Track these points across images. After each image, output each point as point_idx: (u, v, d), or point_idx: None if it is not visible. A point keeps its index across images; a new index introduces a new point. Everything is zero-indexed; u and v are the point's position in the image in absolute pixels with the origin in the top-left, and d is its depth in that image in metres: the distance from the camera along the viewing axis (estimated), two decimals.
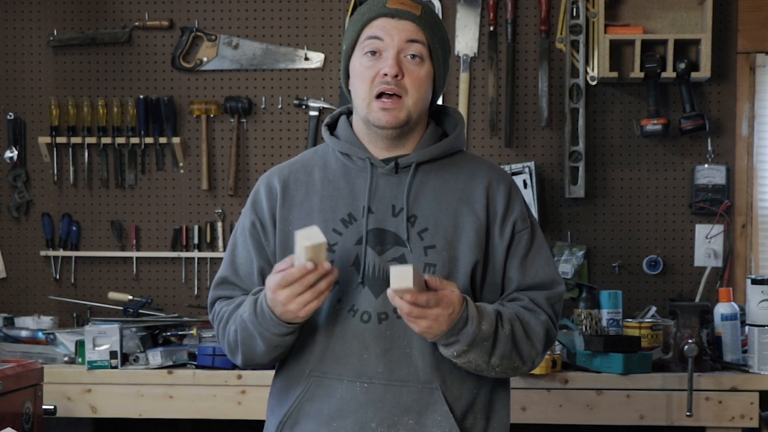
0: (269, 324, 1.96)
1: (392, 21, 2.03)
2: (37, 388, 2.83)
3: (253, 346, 2.02)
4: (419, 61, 2.03)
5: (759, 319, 3.23)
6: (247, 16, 3.97)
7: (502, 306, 2.03)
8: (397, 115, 2.01)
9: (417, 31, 2.03)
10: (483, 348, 1.96)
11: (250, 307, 1.99)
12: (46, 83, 4.01)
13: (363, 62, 2.03)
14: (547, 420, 3.24)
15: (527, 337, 2.02)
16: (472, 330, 1.94)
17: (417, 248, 2.02)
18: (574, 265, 3.76)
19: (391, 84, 1.99)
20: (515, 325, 2.00)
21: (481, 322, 1.95)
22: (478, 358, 1.97)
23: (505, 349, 1.99)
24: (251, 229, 2.10)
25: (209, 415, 3.32)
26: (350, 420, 2.00)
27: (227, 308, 2.09)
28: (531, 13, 3.88)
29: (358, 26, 2.05)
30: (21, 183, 4.00)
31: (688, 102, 3.72)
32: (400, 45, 2.01)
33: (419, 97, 2.03)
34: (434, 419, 2.01)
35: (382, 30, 2.02)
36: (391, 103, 2.00)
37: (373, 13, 2.04)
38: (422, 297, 1.87)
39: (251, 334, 2.00)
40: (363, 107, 2.03)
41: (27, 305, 4.02)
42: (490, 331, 1.96)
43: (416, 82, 2.02)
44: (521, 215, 2.09)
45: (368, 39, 2.03)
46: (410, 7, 2.03)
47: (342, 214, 2.05)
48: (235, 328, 2.04)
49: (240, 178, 3.96)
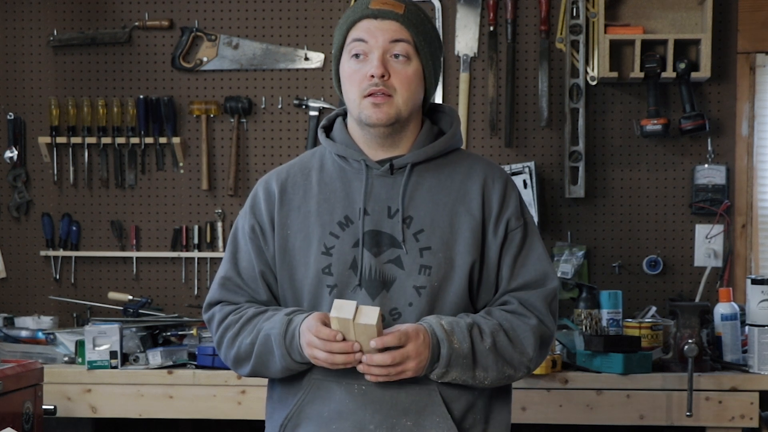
0: (295, 353, 1.98)
1: (375, 22, 2.03)
2: (37, 388, 2.83)
3: (268, 362, 2.03)
4: (405, 60, 2.03)
5: (759, 319, 3.23)
6: (247, 16, 3.97)
7: (485, 316, 2.03)
8: (387, 112, 2.01)
9: (401, 30, 2.02)
10: (463, 365, 1.97)
11: (280, 328, 1.99)
12: (46, 83, 4.01)
13: (350, 65, 2.04)
14: (547, 420, 3.24)
15: (513, 346, 2.02)
16: (446, 352, 1.95)
17: (412, 250, 2.02)
18: (574, 265, 3.76)
19: (379, 85, 2.00)
20: (498, 336, 2.00)
21: (452, 341, 1.96)
22: (462, 374, 1.98)
23: (488, 361, 1.99)
24: (251, 234, 2.10)
25: (209, 415, 3.32)
26: (349, 422, 2.00)
27: (235, 317, 2.07)
28: (531, 13, 3.88)
29: (344, 29, 2.06)
30: (21, 183, 4.00)
31: (688, 102, 3.72)
32: (384, 45, 2.01)
33: (408, 95, 2.03)
34: (432, 420, 2.01)
35: (366, 32, 2.02)
36: (381, 99, 2.00)
37: (357, 15, 2.04)
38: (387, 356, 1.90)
39: (271, 351, 2.01)
40: (354, 108, 2.04)
41: (27, 305, 4.02)
42: (466, 347, 1.97)
43: (404, 81, 2.02)
44: (515, 213, 2.08)
45: (353, 41, 2.03)
46: (393, 6, 2.03)
47: (339, 217, 2.05)
48: (251, 341, 2.03)
49: (240, 178, 3.96)
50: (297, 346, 1.97)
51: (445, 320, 1.99)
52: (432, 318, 1.99)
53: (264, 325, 2.03)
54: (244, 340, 2.05)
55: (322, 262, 2.03)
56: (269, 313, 2.05)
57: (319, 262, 2.03)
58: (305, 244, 2.05)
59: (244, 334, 2.05)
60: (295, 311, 2.02)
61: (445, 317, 2.00)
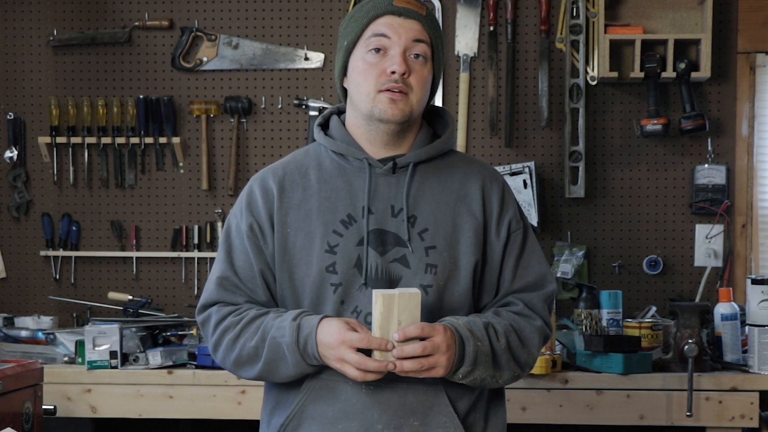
0: (309, 358, 1.96)
1: (399, 19, 2.02)
2: (37, 388, 2.83)
3: (279, 368, 2.00)
4: (423, 61, 2.03)
5: (759, 319, 3.23)
6: (247, 16, 3.97)
7: (495, 316, 2.04)
8: (402, 109, 2.00)
9: (423, 32, 2.03)
10: (486, 363, 1.98)
11: (291, 335, 1.96)
12: (46, 83, 4.01)
13: (367, 58, 2.02)
14: (547, 420, 3.24)
15: (523, 346, 2.04)
16: (472, 350, 1.95)
17: (418, 249, 2.02)
18: (574, 265, 3.76)
19: (399, 82, 1.99)
20: (510, 336, 2.01)
21: (476, 340, 1.96)
22: (484, 373, 1.98)
23: (503, 360, 2.00)
24: (248, 233, 2.07)
25: (209, 415, 3.32)
26: (356, 422, 1.99)
27: (234, 319, 2.04)
28: (531, 13, 3.88)
29: (363, 22, 2.04)
30: (21, 183, 4.00)
31: (688, 102, 3.72)
32: (406, 44, 2.01)
33: (422, 95, 2.04)
34: (439, 420, 2.01)
35: (389, 28, 2.02)
36: (399, 95, 2.00)
37: (380, 10, 2.03)
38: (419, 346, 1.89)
39: (282, 357, 1.98)
40: (367, 102, 2.02)
41: (27, 305, 4.02)
42: (486, 345, 1.98)
43: (420, 81, 2.02)
44: (515, 215, 2.10)
45: (374, 36, 2.02)
46: (417, 7, 2.04)
47: (341, 215, 2.04)
48: (255, 344, 2.00)
49: (240, 178, 3.95)
50: (312, 351, 1.95)
51: (462, 320, 1.99)
52: (449, 318, 1.99)
53: (270, 329, 1.99)
54: (247, 343, 2.01)
55: (326, 260, 2.02)
56: (272, 315, 2.01)
57: (323, 261, 2.02)
58: (307, 243, 2.03)
59: (246, 337, 2.02)
60: (301, 314, 1.99)
61: (460, 317, 2.00)
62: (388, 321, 1.89)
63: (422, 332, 1.90)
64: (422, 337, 1.90)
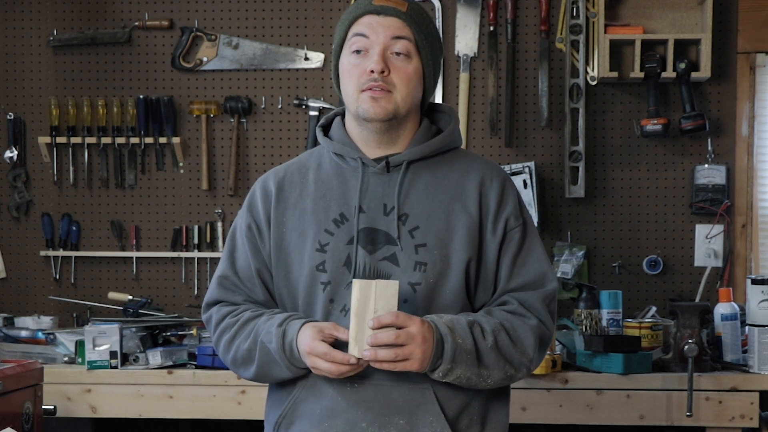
0: (297, 362, 2.00)
1: (377, 18, 2.03)
2: (37, 388, 2.82)
3: (272, 370, 2.04)
4: (405, 58, 2.03)
5: (759, 319, 3.23)
6: (247, 16, 3.97)
7: (485, 315, 2.03)
8: (385, 106, 2.00)
9: (403, 28, 2.03)
10: (468, 361, 1.96)
11: (277, 342, 1.99)
12: (46, 83, 4.01)
13: (351, 60, 2.04)
14: (547, 420, 3.24)
15: (515, 346, 2.01)
16: (450, 347, 1.94)
17: (408, 246, 2.02)
18: (574, 265, 3.76)
19: (378, 80, 2.00)
20: (499, 335, 1.99)
21: (455, 337, 1.95)
22: (467, 371, 1.97)
23: (490, 360, 1.98)
24: (247, 232, 2.11)
25: (209, 415, 3.32)
26: (341, 420, 2.01)
27: (231, 320, 2.09)
28: (531, 13, 3.88)
29: (345, 25, 2.06)
30: (21, 183, 4.00)
31: (688, 102, 3.72)
32: (385, 42, 2.01)
33: (407, 92, 2.03)
34: (425, 419, 2.00)
35: (368, 27, 2.02)
36: (380, 93, 2.00)
37: (359, 11, 2.04)
38: (392, 333, 1.89)
39: (274, 361, 2.02)
40: (352, 102, 2.03)
41: (27, 305, 4.02)
42: (470, 344, 1.96)
43: (404, 78, 2.02)
44: (514, 212, 2.07)
45: (354, 36, 2.04)
46: (396, 3, 2.04)
47: (334, 214, 2.05)
48: (248, 347, 2.04)
49: (240, 178, 3.95)
50: (297, 357, 1.98)
51: (444, 317, 1.98)
52: (432, 315, 1.99)
53: (260, 333, 2.03)
54: (241, 345, 2.06)
55: (317, 259, 2.03)
56: (264, 318, 2.05)
57: (314, 259, 2.04)
58: (300, 242, 2.06)
59: (240, 339, 2.06)
60: (287, 319, 2.02)
61: (444, 315, 1.99)
62: (364, 309, 1.90)
63: (397, 320, 1.90)
64: (398, 326, 1.90)
